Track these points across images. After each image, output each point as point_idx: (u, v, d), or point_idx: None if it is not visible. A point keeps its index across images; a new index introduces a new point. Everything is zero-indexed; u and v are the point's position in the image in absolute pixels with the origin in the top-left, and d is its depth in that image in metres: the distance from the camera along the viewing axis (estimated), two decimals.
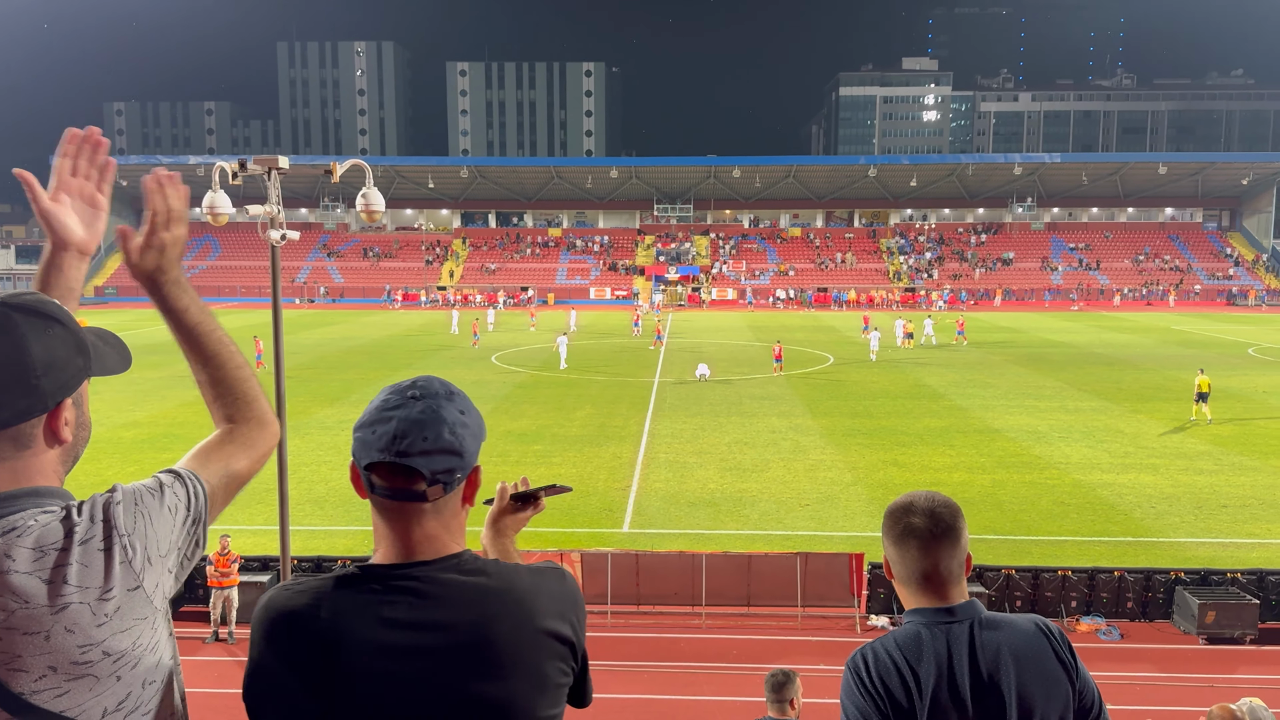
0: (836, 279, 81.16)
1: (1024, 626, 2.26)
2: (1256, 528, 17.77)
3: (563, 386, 34.05)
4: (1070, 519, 18.32)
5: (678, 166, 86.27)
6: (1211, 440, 24.93)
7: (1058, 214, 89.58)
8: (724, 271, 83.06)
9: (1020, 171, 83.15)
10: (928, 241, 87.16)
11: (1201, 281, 79.41)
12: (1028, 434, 25.73)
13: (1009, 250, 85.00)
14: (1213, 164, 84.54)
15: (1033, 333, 53.00)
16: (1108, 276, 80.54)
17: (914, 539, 2.33)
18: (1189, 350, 44.50)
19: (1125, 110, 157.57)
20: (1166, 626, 13.88)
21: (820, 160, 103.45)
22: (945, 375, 36.49)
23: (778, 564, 14.45)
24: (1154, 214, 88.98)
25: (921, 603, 2.31)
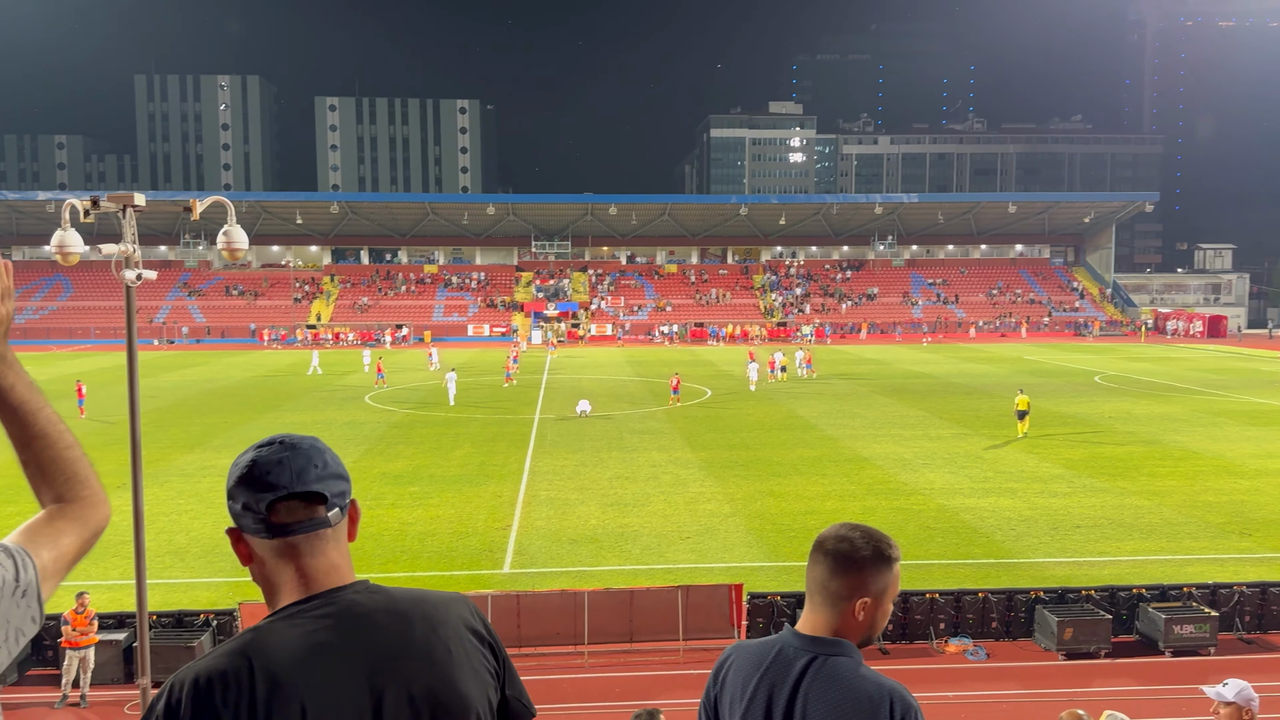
0: (712, 314, 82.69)
1: (863, 692, 2.21)
2: (1107, 546, 18.85)
3: (440, 425, 33.46)
4: (936, 543, 19.04)
5: (555, 204, 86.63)
6: (1064, 464, 26.38)
7: (917, 251, 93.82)
8: (603, 307, 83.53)
9: (881, 211, 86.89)
10: (797, 277, 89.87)
11: (1050, 314, 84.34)
12: (894, 461, 26.68)
13: (873, 286, 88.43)
14: (1057, 203, 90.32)
15: (896, 364, 55.14)
16: (964, 310, 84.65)
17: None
18: (1040, 379, 47.10)
19: (977, 152, 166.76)
20: (1029, 644, 14.53)
21: (694, 199, 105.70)
22: (817, 406, 37.54)
23: (659, 598, 14.49)
24: (1005, 250, 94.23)
25: (801, 620, 2.41)
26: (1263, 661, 13.93)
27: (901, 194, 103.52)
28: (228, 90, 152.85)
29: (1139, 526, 20.15)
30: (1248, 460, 26.72)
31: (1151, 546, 18.76)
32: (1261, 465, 26.04)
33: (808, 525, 20.21)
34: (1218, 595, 14.80)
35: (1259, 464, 26.21)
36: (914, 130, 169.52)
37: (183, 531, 19.85)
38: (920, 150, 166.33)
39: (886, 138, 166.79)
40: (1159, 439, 30.08)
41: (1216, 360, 58.38)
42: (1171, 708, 12.44)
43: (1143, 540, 19.18)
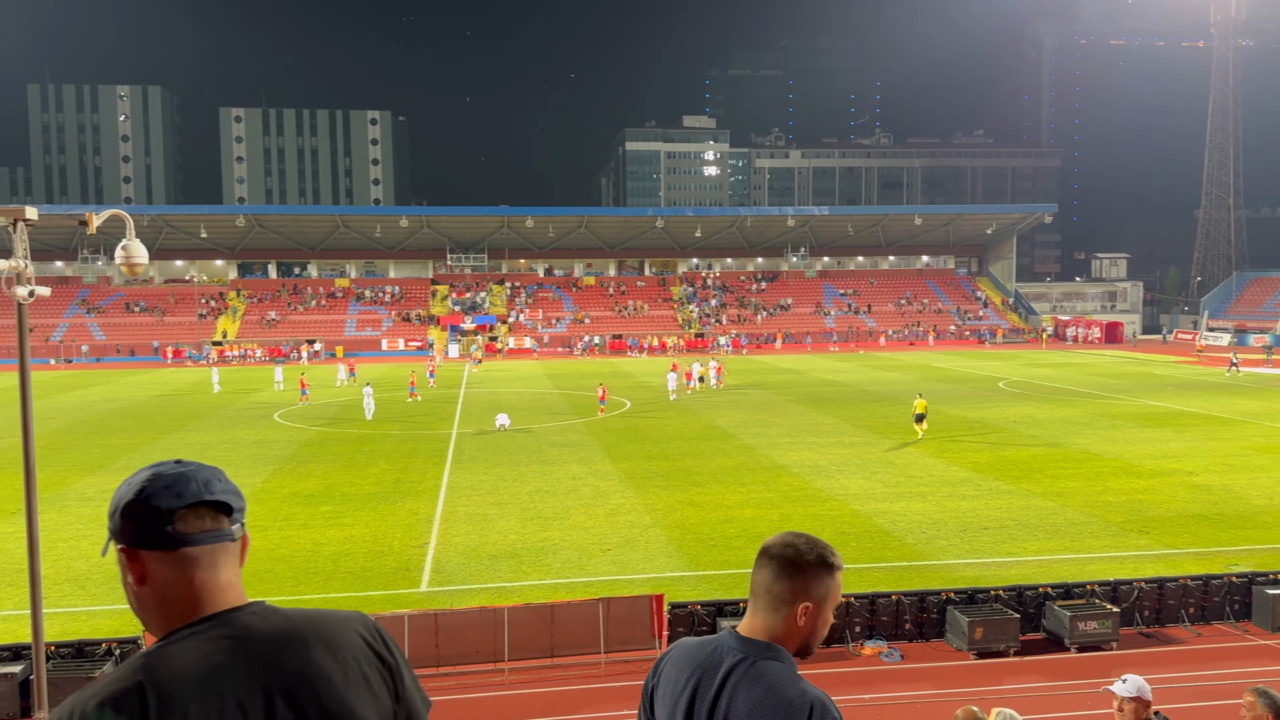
0: (631, 326, 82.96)
1: (785, 699, 2.23)
2: (1014, 547, 19.46)
3: (354, 442, 32.80)
4: (851, 547, 19.40)
5: (471, 216, 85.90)
6: (971, 468, 27.17)
7: (828, 262, 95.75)
8: (521, 320, 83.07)
9: (793, 223, 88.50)
10: (714, 289, 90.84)
11: (956, 322, 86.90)
12: (810, 469, 27.12)
13: (787, 296, 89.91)
14: (961, 215, 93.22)
15: (811, 373, 56.11)
16: (874, 320, 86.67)
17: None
18: (948, 386, 48.46)
19: (884, 166, 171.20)
20: (941, 645, 14.90)
21: (611, 212, 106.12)
22: (735, 416, 37.95)
23: (580, 611, 14.44)
24: (913, 261, 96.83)
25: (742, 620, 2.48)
26: (1161, 654, 14.54)
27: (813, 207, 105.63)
28: (127, 101, 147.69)
29: (1044, 527, 20.87)
30: (1144, 460, 27.91)
31: (1056, 546, 19.44)
32: (1157, 465, 27.23)
33: (727, 534, 20.40)
34: (1119, 592, 15.41)
35: (1155, 464, 27.40)
36: (824, 144, 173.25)
37: (83, 558, 19.02)
38: (830, 164, 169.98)
39: (797, 152, 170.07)
40: (1061, 442, 31.22)
41: (1114, 365, 60.90)
42: (1078, 702, 12.88)
43: (1048, 540, 19.86)
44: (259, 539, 20.29)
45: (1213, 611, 15.59)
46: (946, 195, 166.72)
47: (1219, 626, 15.43)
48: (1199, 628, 15.38)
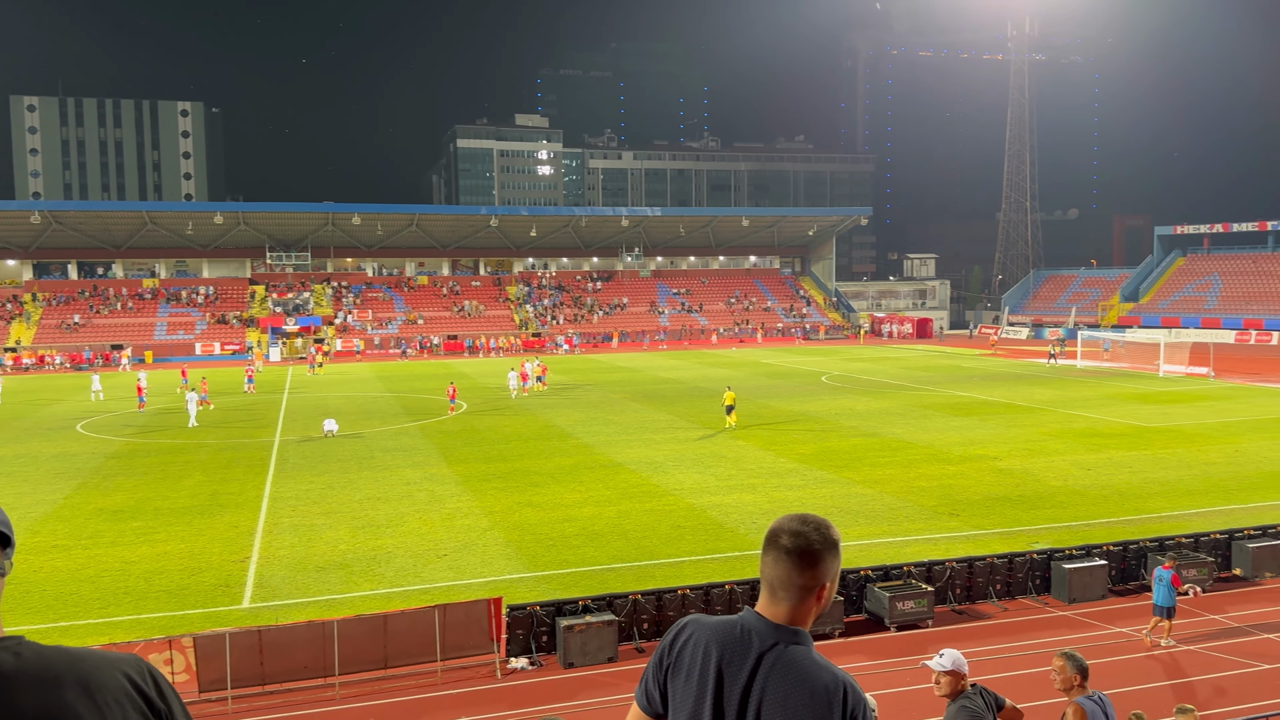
0: (467, 327, 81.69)
1: (820, 682, 2.38)
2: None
3: (167, 453, 30.82)
4: (686, 540, 19.79)
5: (292, 213, 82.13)
6: (798, 459, 28.23)
7: (662, 262, 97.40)
8: (349, 322, 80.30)
9: (627, 224, 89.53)
10: (549, 288, 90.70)
11: (782, 320, 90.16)
12: (647, 465, 27.49)
13: (623, 296, 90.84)
14: (784, 218, 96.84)
15: (646, 371, 56.90)
16: (706, 318, 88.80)
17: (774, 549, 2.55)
18: (775, 381, 50.21)
19: (712, 169, 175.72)
20: None
21: (443, 210, 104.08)
22: (572, 415, 38.00)
23: (415, 620, 14.08)
24: (741, 261, 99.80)
25: (760, 604, 2.55)
26: (972, 629, 15.54)
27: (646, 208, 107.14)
28: None
29: (864, 513, 21.92)
30: (953, 447, 29.77)
31: (875, 530, 20.46)
32: (965, 452, 29.10)
33: (566, 533, 20.39)
34: (933, 572, 16.36)
35: (963, 450, 29.27)
36: (655, 146, 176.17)
37: None
38: (662, 166, 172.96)
39: (630, 153, 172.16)
40: (878, 432, 32.89)
41: (925, 359, 64.71)
42: (899, 679, 13.58)
43: (868, 525, 20.88)
44: (61, 559, 18.78)
45: (1017, 587, 16.79)
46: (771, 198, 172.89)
47: (1023, 600, 16.63)
48: (1005, 602, 16.53)
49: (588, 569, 18.03)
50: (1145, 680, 13.30)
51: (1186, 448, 29.22)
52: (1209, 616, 15.70)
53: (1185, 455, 28.06)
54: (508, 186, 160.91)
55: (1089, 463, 27.14)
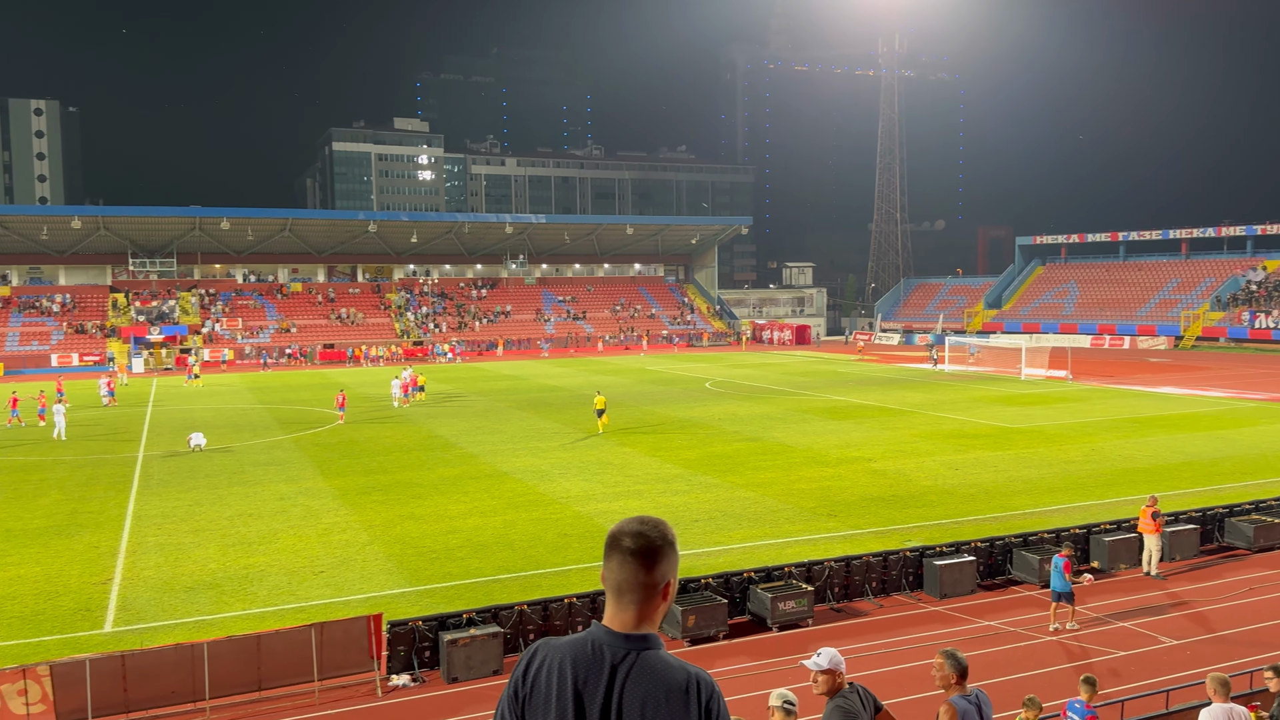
0: (346, 335, 79.54)
1: (675, 681, 2.47)
2: (721, 536, 20.64)
3: (18, 471, 28.95)
4: (573, 549, 19.73)
5: (156, 217, 78.31)
6: (683, 464, 28.53)
7: (547, 270, 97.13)
8: (218, 330, 77.12)
9: (512, 231, 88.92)
10: (432, 296, 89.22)
11: (667, 327, 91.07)
12: (533, 474, 27.31)
13: (507, 303, 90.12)
14: (668, 226, 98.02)
15: (533, 379, 56.57)
16: (592, 325, 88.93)
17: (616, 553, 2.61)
18: (661, 387, 50.65)
19: (597, 177, 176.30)
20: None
21: (318, 214, 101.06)
22: (456, 424, 37.44)
23: (290, 639, 13.59)
24: (626, 269, 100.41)
25: (605, 616, 2.59)
26: (850, 626, 15.98)
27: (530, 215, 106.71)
28: None
29: (747, 516, 22.31)
30: (831, 450, 30.61)
31: (758, 533, 20.85)
32: (842, 454, 29.95)
33: (449, 545, 20.06)
34: (812, 572, 16.76)
35: (840, 453, 30.12)
36: (539, 154, 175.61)
37: None
38: (546, 173, 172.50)
39: (513, 159, 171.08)
40: (760, 436, 33.55)
41: (803, 364, 66.39)
42: (781, 679, 13.83)
43: (751, 528, 21.25)
44: None
45: (892, 584, 17.36)
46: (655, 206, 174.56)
47: (897, 597, 17.21)
48: (881, 600, 17.07)
49: (473, 581, 17.78)
50: (1014, 670, 13.92)
51: (1047, 447, 30.80)
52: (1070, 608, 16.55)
53: (1046, 454, 29.57)
54: (387, 191, 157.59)
55: (957, 463, 28.32)
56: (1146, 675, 13.13)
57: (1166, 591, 17.32)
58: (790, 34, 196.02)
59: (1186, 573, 18.39)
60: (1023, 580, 17.77)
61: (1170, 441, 31.49)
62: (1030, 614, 16.28)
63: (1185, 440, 31.68)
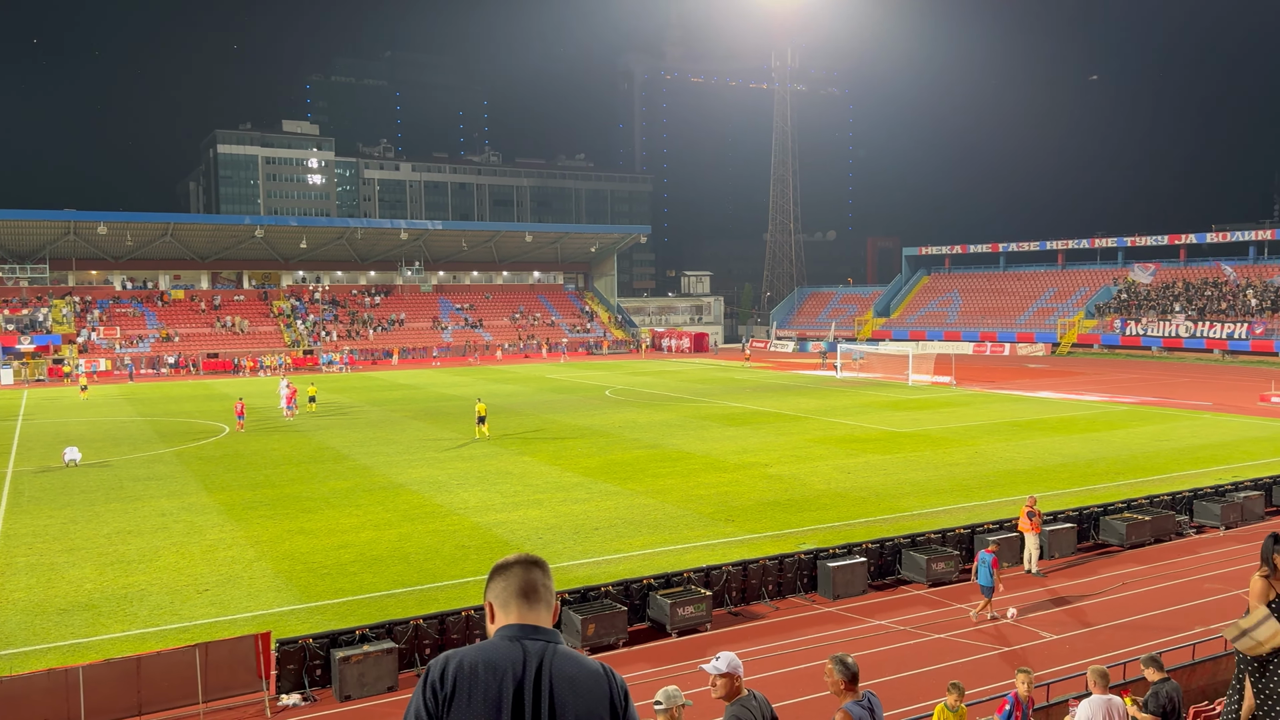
0: (231, 344, 76.77)
1: (594, 667, 2.67)
2: (622, 543, 20.67)
3: None
4: (471, 560, 19.47)
5: (26, 221, 74.05)
6: (583, 472, 28.49)
7: (444, 277, 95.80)
8: (94, 339, 73.45)
9: (406, 237, 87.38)
10: (323, 304, 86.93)
11: (567, 335, 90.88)
12: (430, 485, 26.85)
13: (402, 311, 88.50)
14: (567, 234, 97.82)
15: (429, 388, 55.66)
16: (491, 333, 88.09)
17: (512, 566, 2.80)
18: (560, 395, 50.49)
19: (494, 184, 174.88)
20: None
21: (202, 219, 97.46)
22: (349, 435, 36.54)
23: (173, 661, 13.02)
24: (525, 277, 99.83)
25: (513, 619, 2.72)
26: (748, 630, 16.19)
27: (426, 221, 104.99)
28: None
29: (647, 522, 22.41)
30: (729, 456, 31.02)
31: (658, 539, 20.96)
32: (739, 460, 30.38)
33: (341, 560, 19.55)
34: (711, 576, 16.94)
35: (738, 458, 30.55)
36: (434, 159, 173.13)
37: None
38: (442, 179, 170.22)
39: (408, 164, 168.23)
40: (660, 443, 33.76)
41: (701, 371, 67.14)
42: (680, 684, 13.90)
43: (651, 534, 21.35)
44: None
45: (787, 586, 17.67)
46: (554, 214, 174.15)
47: (793, 599, 17.53)
48: (777, 602, 17.36)
49: (366, 596, 17.36)
50: (903, 669, 14.32)
51: (933, 450, 31.87)
52: (956, 606, 17.15)
53: (932, 457, 30.59)
54: (275, 196, 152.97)
55: (849, 466, 29.05)
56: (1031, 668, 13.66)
57: (1046, 588, 18.10)
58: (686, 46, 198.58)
59: (1065, 569, 19.27)
60: (911, 580, 18.32)
61: (1048, 444, 32.97)
62: (919, 612, 16.80)
63: (1062, 442, 33.22)
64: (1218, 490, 23.13)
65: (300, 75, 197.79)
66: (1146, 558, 19.93)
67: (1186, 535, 21.57)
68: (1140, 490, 24.45)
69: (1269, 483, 23.96)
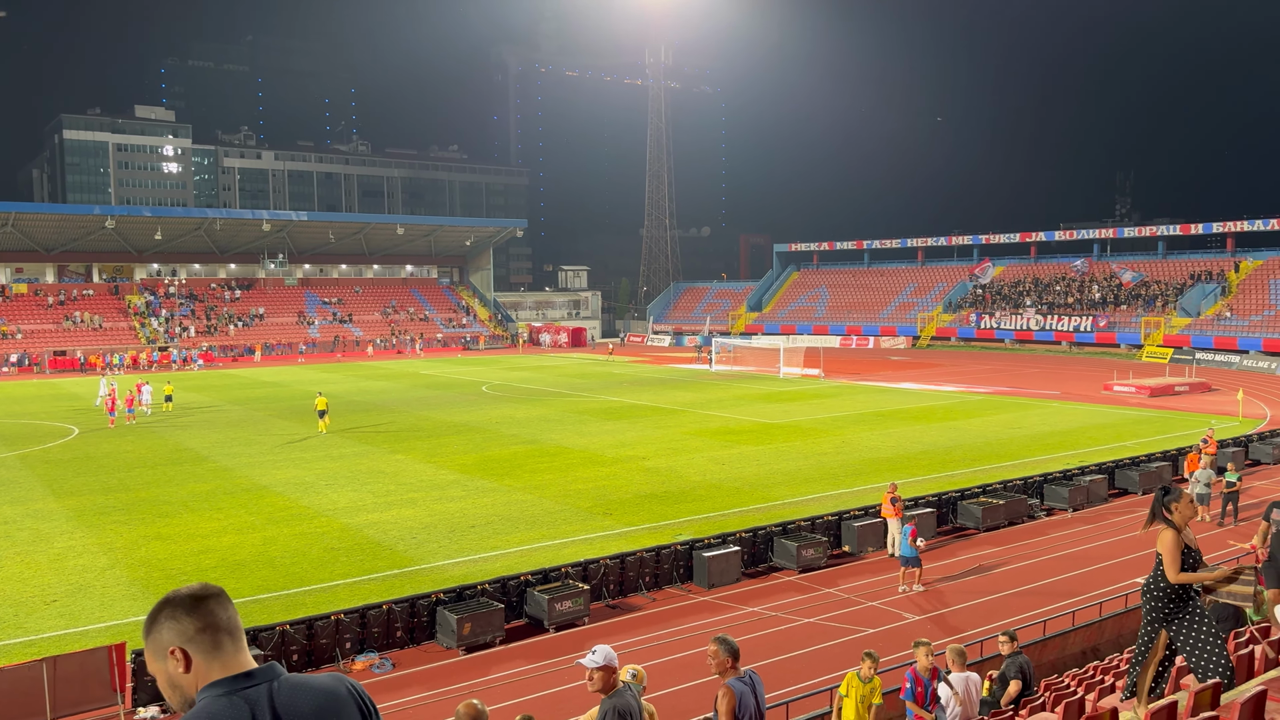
0: (80, 340, 72.31)
1: (327, 685, 2.32)
2: (499, 541, 20.48)
3: None
4: (341, 563, 18.94)
5: None
6: (459, 469, 28.08)
7: (310, 270, 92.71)
8: None
9: (270, 228, 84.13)
10: (179, 298, 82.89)
11: (441, 330, 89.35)
12: (296, 486, 25.97)
13: (266, 305, 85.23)
14: (441, 227, 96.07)
15: (295, 386, 53.81)
16: (361, 329, 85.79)
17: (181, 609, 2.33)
18: (436, 392, 49.62)
19: (363, 174, 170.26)
20: (433, 646, 15.15)
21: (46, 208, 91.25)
22: (208, 436, 34.99)
23: (17, 676, 12.19)
24: (397, 270, 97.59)
25: (216, 675, 2.24)
26: (625, 622, 16.29)
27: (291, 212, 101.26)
28: None
29: (524, 519, 22.27)
30: (607, 450, 31.13)
31: (535, 535, 20.85)
32: (617, 453, 30.52)
33: (202, 566, 18.71)
34: (589, 570, 16.97)
35: (615, 452, 30.69)
36: (300, 148, 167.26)
37: None
38: (307, 168, 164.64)
39: (271, 153, 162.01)
40: (538, 438, 33.60)
41: (579, 366, 67.13)
42: (558, 679, 13.91)
43: (528, 530, 21.23)
44: None
45: (664, 577, 17.87)
46: (427, 206, 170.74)
47: (669, 590, 17.73)
48: (654, 593, 17.53)
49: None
50: (777, 653, 14.68)
51: (804, 440, 32.78)
52: (825, 591, 17.69)
53: (803, 447, 31.46)
54: (127, 184, 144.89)
55: (723, 458, 29.58)
56: (893, 650, 14.22)
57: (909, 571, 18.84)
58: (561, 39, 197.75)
59: (926, 552, 20.11)
60: (783, 566, 18.80)
61: (910, 432, 34.36)
62: (791, 598, 17.25)
63: (923, 431, 34.68)
64: (1065, 475, 24.58)
65: (156, 59, 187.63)
66: (1001, 540, 21.00)
67: (1038, 518, 22.84)
68: (995, 475, 25.76)
69: (1111, 466, 25.61)
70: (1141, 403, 42.71)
